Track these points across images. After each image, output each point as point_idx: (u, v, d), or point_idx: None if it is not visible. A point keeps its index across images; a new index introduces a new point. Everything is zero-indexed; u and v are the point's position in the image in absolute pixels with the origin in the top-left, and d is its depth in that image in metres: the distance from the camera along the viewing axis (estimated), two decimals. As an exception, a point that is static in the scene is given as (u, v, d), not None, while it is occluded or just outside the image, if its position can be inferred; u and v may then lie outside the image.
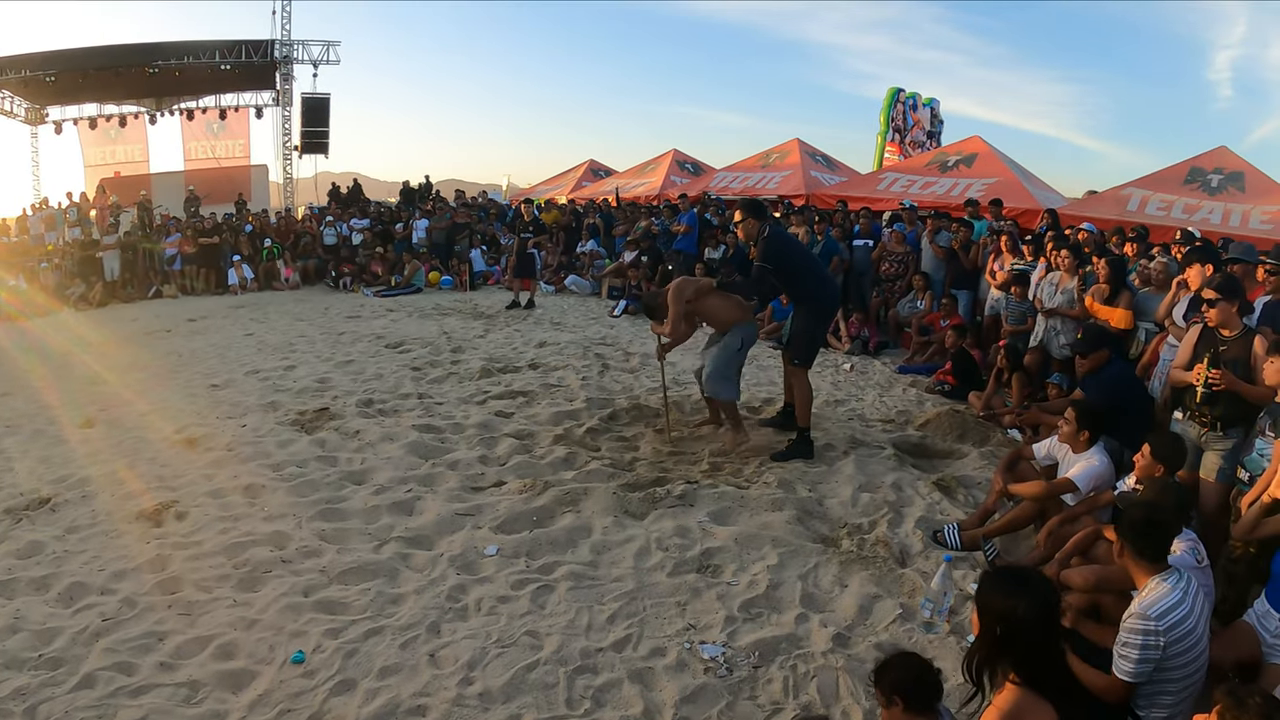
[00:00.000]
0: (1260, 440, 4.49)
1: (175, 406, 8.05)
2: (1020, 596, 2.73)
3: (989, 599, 2.82)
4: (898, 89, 25.91)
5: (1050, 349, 8.05)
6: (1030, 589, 2.77)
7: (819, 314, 6.85)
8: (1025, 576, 2.90)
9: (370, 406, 7.90)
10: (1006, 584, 2.84)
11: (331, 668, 3.78)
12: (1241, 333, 4.94)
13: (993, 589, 2.85)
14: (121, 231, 18.48)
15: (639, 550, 4.97)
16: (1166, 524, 3.40)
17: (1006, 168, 15.93)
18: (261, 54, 25.33)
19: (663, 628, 4.18)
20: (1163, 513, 3.45)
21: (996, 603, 2.78)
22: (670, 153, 24.05)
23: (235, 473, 6.14)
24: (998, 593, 2.81)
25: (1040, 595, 2.76)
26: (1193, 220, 12.09)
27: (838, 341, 11.25)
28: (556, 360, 10.05)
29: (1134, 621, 3.10)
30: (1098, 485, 4.86)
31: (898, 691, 2.78)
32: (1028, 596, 2.73)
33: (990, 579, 2.99)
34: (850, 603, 4.45)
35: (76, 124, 26.51)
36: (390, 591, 4.47)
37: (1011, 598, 2.74)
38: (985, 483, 6.10)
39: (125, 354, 10.97)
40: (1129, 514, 3.36)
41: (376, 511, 5.48)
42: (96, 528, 5.24)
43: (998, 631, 2.75)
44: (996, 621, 2.75)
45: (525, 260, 15.03)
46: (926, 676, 2.81)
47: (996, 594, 2.81)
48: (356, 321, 13.34)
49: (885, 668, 2.87)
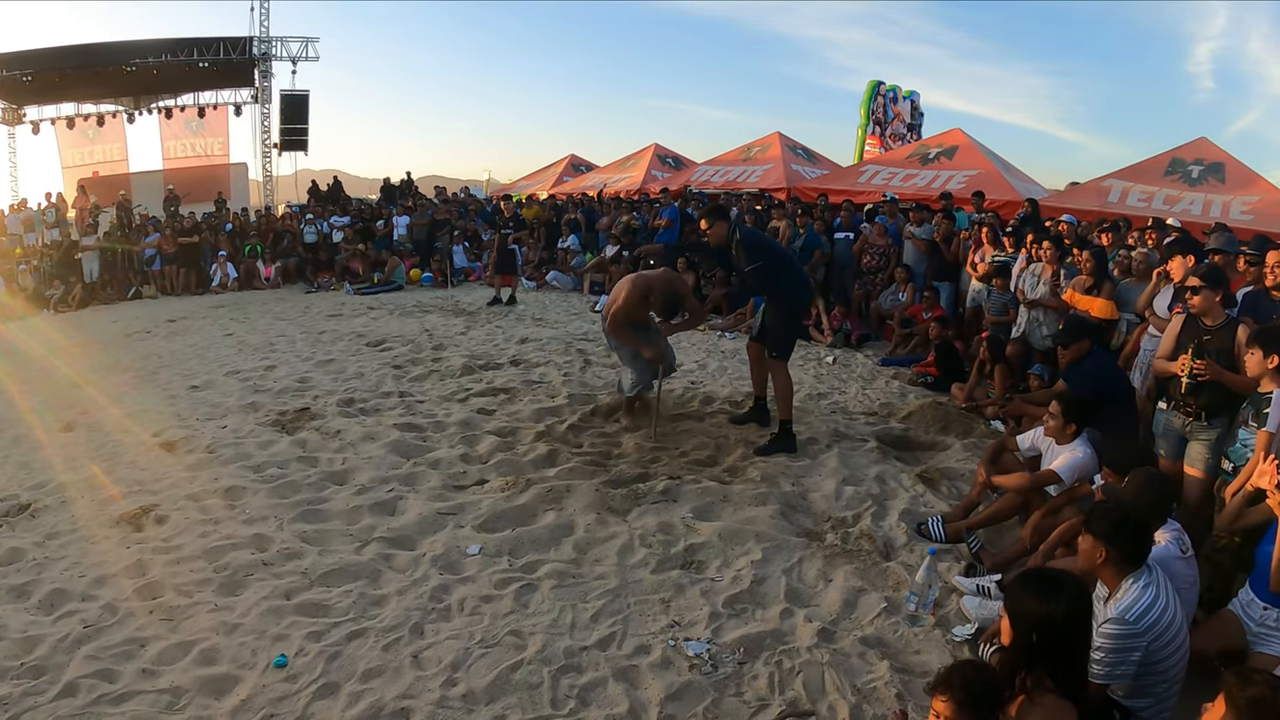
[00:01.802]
0: (1243, 430, 4.52)
1: (155, 409, 7.98)
2: (1056, 601, 2.69)
3: (1023, 605, 2.78)
4: (878, 82, 25.98)
5: (1032, 340, 8.09)
6: (1064, 593, 2.73)
7: (792, 306, 6.85)
8: (1057, 580, 2.84)
9: (351, 406, 7.85)
10: (1040, 589, 2.78)
11: (314, 671, 3.75)
12: (1225, 322, 4.97)
13: (1026, 595, 2.80)
14: (101, 232, 18.36)
15: (622, 547, 4.95)
16: (1147, 524, 3.40)
17: (987, 160, 16.00)
18: (240, 51, 25.23)
19: (647, 625, 4.17)
20: (1142, 512, 3.44)
21: (1031, 608, 2.73)
22: (651, 147, 24.03)
23: (215, 475, 6.09)
24: (1032, 598, 2.76)
25: (1075, 599, 2.73)
26: (1173, 211, 12.19)
27: (820, 335, 11.27)
28: (538, 356, 10.02)
29: (1112, 627, 3.08)
30: (1081, 477, 4.87)
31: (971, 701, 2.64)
32: (1064, 601, 2.69)
33: (1021, 584, 2.90)
34: (835, 597, 4.45)
35: (54, 124, 26.33)
36: (372, 593, 4.44)
37: (1046, 602, 2.70)
38: (969, 474, 6.12)
39: (105, 356, 10.88)
40: (1108, 518, 3.27)
41: (358, 512, 5.45)
42: (76, 533, 5.19)
43: (1033, 638, 2.71)
44: (1032, 629, 2.71)
45: (506, 256, 14.99)
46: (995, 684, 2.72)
47: (1030, 599, 2.76)
48: (337, 320, 13.27)
49: (954, 675, 2.71)
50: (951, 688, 2.65)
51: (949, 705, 2.64)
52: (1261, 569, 3.65)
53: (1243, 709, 2.33)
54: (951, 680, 2.67)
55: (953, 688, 2.65)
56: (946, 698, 2.65)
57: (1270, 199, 12.37)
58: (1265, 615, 3.63)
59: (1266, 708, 2.29)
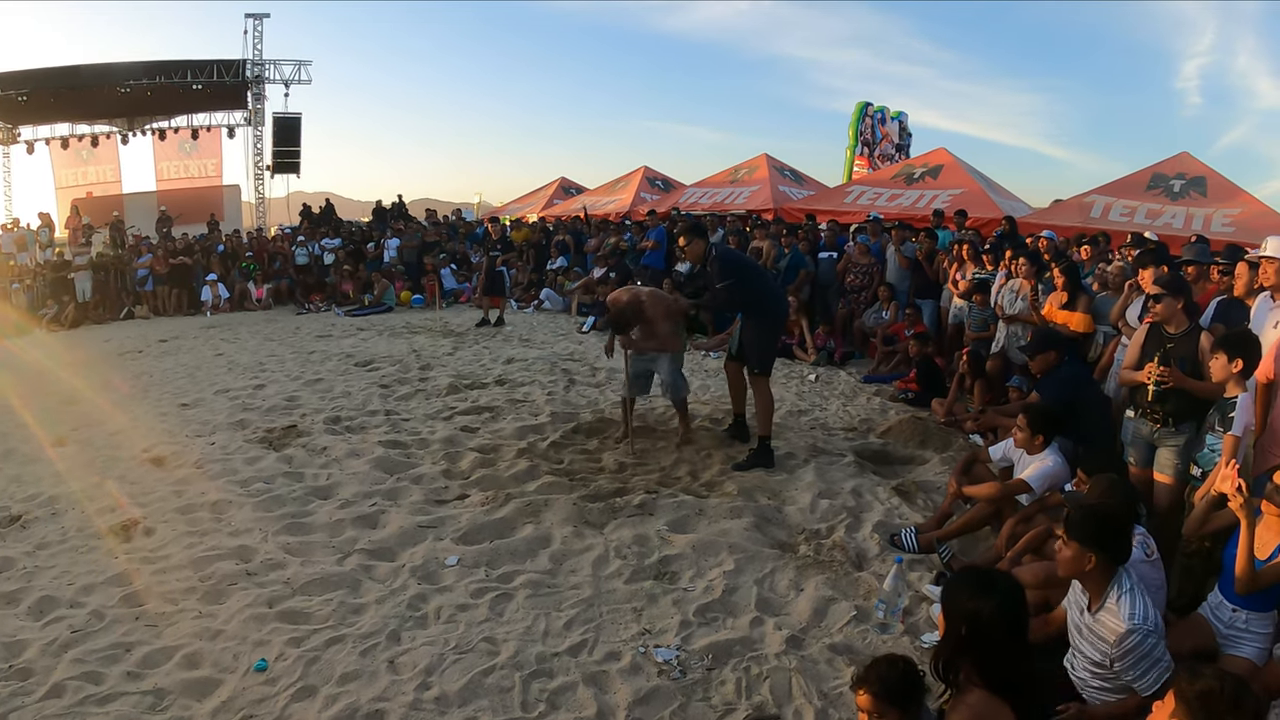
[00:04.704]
0: (1211, 436, 4.60)
1: (145, 425, 8.06)
2: (986, 598, 2.74)
3: (955, 599, 2.83)
4: (866, 103, 26.17)
5: (1011, 354, 8.20)
6: (996, 590, 2.78)
7: (769, 324, 6.96)
8: (992, 578, 2.90)
9: (338, 423, 7.94)
10: (972, 585, 2.84)
11: (293, 675, 3.83)
12: (1188, 329, 5.07)
13: (958, 590, 2.86)
14: (94, 252, 18.42)
15: (597, 559, 5.04)
16: (1125, 520, 3.46)
17: (972, 178, 16.12)
18: (233, 73, 25.37)
19: (618, 633, 4.25)
20: (1116, 509, 3.51)
21: (962, 603, 2.78)
22: (640, 169, 24.12)
23: (203, 489, 6.18)
24: (963, 593, 2.81)
25: (1006, 597, 2.77)
26: (1155, 225, 12.29)
27: (804, 353, 11.37)
28: (523, 376, 10.11)
29: (1135, 638, 3.11)
30: (1052, 485, 4.96)
31: (886, 693, 2.71)
32: (995, 598, 2.74)
33: (956, 580, 2.98)
34: (805, 606, 4.52)
35: (49, 144, 26.45)
36: (352, 601, 4.52)
37: (977, 599, 2.75)
38: (945, 487, 6.18)
39: (97, 374, 10.91)
40: (1088, 523, 3.28)
41: (341, 525, 5.53)
42: (66, 544, 5.27)
43: (962, 632, 2.76)
44: (961, 622, 2.76)
45: (495, 278, 15.07)
46: (912, 676, 2.78)
47: (962, 595, 2.81)
48: (327, 341, 13.36)
49: (871, 670, 2.80)
50: (868, 681, 2.75)
51: (869, 699, 2.74)
52: (1229, 571, 3.69)
53: (1192, 702, 2.37)
54: (869, 675, 2.77)
55: (869, 681, 2.75)
56: (865, 691, 2.75)
57: (1251, 211, 12.51)
58: (1234, 617, 3.68)
59: (1215, 699, 2.34)
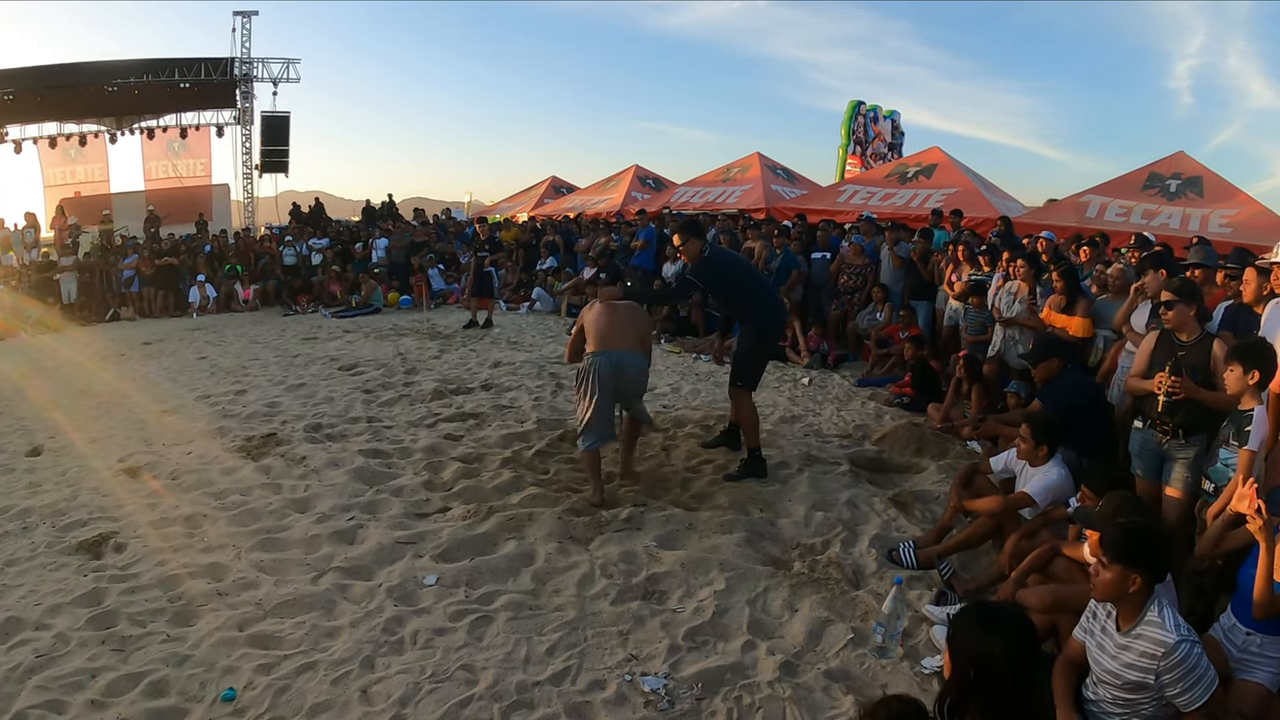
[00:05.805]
0: (1224, 450, 4.42)
1: (123, 434, 7.87)
2: (996, 637, 2.57)
3: (962, 640, 2.65)
4: (858, 102, 26.07)
5: (1008, 358, 8.06)
6: (1006, 629, 2.61)
7: (762, 334, 6.72)
8: (1001, 615, 2.73)
9: (318, 431, 7.75)
10: (981, 623, 2.66)
11: (261, 705, 3.64)
12: (1199, 337, 4.92)
13: (965, 629, 2.68)
14: (81, 253, 18.27)
15: (582, 577, 4.84)
16: (1164, 536, 3.36)
17: (966, 178, 16.04)
18: (221, 72, 25.22)
19: (603, 659, 4.06)
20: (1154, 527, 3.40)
21: (969, 644, 2.61)
22: (631, 169, 24.13)
23: (177, 502, 6.00)
24: (971, 633, 2.64)
25: (1015, 635, 2.61)
26: (1151, 225, 12.20)
27: (797, 356, 11.22)
28: (510, 381, 9.94)
29: (1185, 648, 2.99)
30: (1056, 499, 4.82)
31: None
32: (1004, 637, 2.57)
33: (964, 617, 2.76)
34: (800, 628, 4.34)
35: (36, 143, 26.18)
36: (326, 624, 4.34)
37: (987, 639, 2.58)
38: (943, 497, 6.02)
39: (79, 379, 10.76)
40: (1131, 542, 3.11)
41: (317, 541, 5.34)
42: (35, 560, 5.10)
43: (970, 675, 2.59)
44: (969, 664, 2.59)
45: (483, 279, 14.89)
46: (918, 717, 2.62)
47: (969, 635, 2.64)
48: (312, 344, 13.18)
49: (880, 708, 2.65)
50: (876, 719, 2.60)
51: None
52: (1244, 592, 3.55)
53: None
54: (876, 714, 2.62)
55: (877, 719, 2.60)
56: None
57: (1249, 211, 12.43)
58: (1248, 641, 3.54)
59: None
